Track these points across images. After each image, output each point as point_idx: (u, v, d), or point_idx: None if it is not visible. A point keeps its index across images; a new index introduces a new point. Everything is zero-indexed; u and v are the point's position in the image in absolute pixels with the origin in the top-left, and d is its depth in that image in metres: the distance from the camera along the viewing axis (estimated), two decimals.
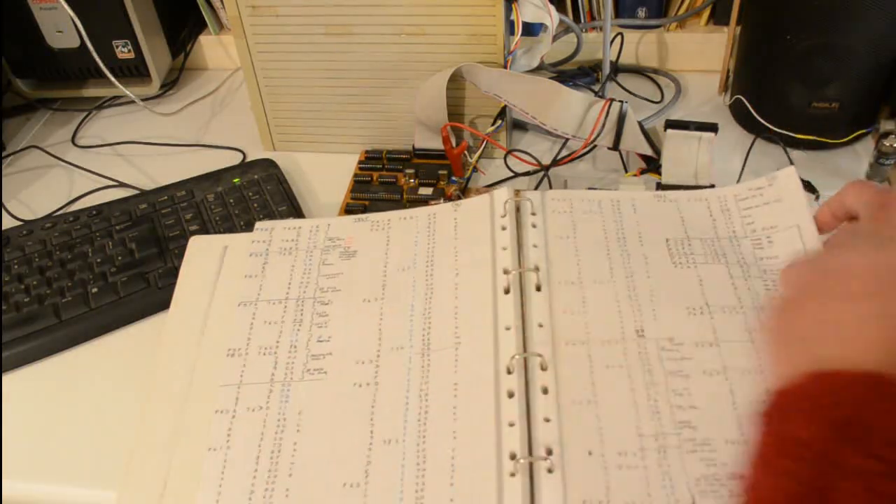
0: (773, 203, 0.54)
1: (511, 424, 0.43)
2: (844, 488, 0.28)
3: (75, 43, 0.81)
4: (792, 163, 0.67)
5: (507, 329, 0.48)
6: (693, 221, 0.54)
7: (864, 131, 0.69)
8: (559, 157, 0.69)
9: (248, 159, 0.77)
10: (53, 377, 0.57)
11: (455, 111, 0.70)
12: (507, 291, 0.50)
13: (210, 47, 0.91)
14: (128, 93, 0.81)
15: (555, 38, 0.74)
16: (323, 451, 0.45)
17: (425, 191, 0.68)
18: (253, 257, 0.56)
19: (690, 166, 0.63)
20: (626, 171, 0.69)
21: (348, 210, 0.67)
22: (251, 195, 0.69)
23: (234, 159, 0.77)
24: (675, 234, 0.53)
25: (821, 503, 0.28)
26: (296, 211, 0.67)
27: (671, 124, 0.64)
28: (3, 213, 0.73)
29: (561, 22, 0.71)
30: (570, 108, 0.65)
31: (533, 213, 0.55)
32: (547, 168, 0.69)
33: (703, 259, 0.52)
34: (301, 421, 0.46)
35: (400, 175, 0.70)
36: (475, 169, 0.71)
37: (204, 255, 0.58)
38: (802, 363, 0.33)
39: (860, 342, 0.33)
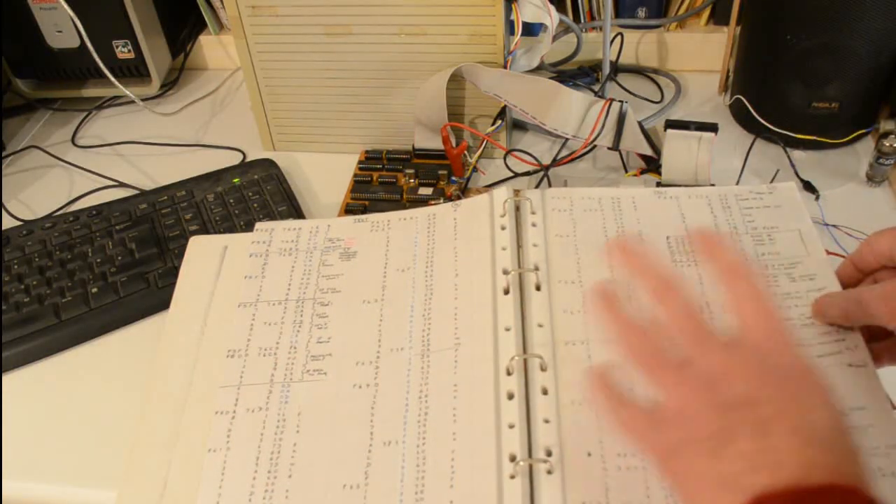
0: (773, 208, 0.54)
1: (511, 426, 0.43)
2: None
3: (75, 43, 0.81)
4: (792, 163, 0.67)
5: (507, 330, 0.48)
6: (693, 218, 0.54)
7: (864, 131, 0.69)
8: (559, 157, 0.69)
9: (248, 159, 0.77)
10: (53, 377, 0.57)
11: (455, 111, 0.70)
12: (506, 292, 0.50)
13: (210, 47, 0.91)
14: (128, 93, 0.81)
15: (555, 38, 0.74)
16: (323, 452, 0.45)
17: (425, 191, 0.68)
18: (253, 258, 0.56)
19: (690, 166, 0.63)
20: (626, 171, 0.69)
21: (348, 210, 0.67)
22: (251, 195, 0.69)
23: (234, 159, 0.77)
24: (675, 232, 0.53)
25: None
26: (296, 211, 0.67)
27: (671, 124, 0.64)
28: (3, 213, 0.73)
29: (561, 22, 0.71)
30: (570, 108, 0.65)
31: (533, 212, 0.55)
32: (547, 168, 0.69)
33: None
34: (301, 422, 0.46)
35: (400, 175, 0.70)
36: (475, 169, 0.70)
37: (204, 255, 0.58)
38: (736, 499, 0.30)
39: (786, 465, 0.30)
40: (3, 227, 0.70)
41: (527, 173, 0.70)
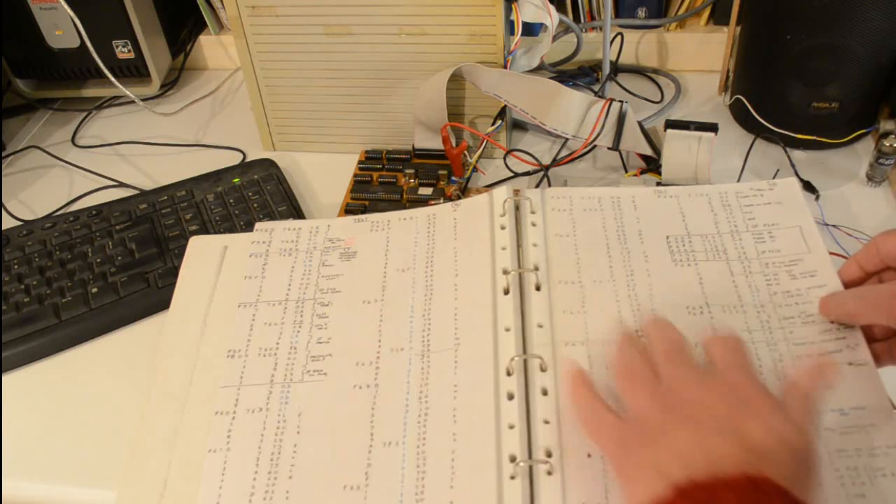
0: (774, 204, 0.54)
1: (511, 427, 0.43)
2: None
3: (75, 43, 0.81)
4: (792, 163, 0.67)
5: (507, 330, 0.48)
6: (694, 217, 0.54)
7: (864, 131, 0.69)
8: (559, 157, 0.69)
9: (248, 159, 0.77)
10: (53, 377, 0.57)
11: (455, 111, 0.70)
12: (506, 292, 0.50)
13: (210, 47, 0.91)
14: (128, 93, 0.81)
15: (555, 38, 0.74)
16: (323, 452, 0.45)
17: (425, 191, 0.68)
18: (253, 258, 0.56)
19: (690, 166, 0.63)
20: (626, 171, 0.69)
21: (348, 210, 0.67)
22: (251, 195, 0.69)
23: (234, 159, 0.77)
24: (675, 231, 0.53)
25: None
26: (296, 211, 0.67)
27: (671, 124, 0.64)
28: (3, 213, 0.73)
29: (561, 22, 0.71)
30: (570, 108, 0.65)
31: (532, 212, 0.55)
32: (547, 168, 0.69)
33: (704, 256, 0.51)
34: (301, 422, 0.46)
35: (400, 175, 0.70)
36: (475, 169, 0.70)
37: (204, 255, 0.58)
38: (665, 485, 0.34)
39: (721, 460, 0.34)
40: (3, 227, 0.70)
41: (527, 173, 0.70)
